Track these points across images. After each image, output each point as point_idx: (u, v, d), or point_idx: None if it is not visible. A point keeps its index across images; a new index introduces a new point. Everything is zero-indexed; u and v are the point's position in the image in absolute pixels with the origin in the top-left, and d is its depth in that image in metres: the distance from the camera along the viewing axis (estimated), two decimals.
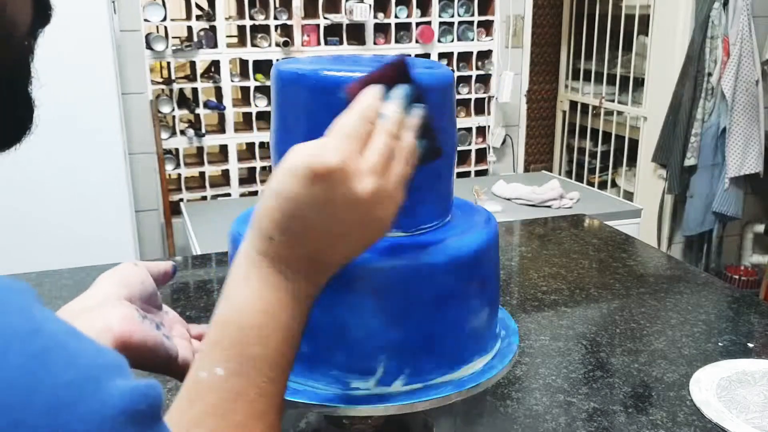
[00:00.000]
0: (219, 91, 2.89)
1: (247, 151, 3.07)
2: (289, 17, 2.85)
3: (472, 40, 3.13)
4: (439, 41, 3.08)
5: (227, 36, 2.86)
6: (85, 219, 2.29)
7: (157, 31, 2.82)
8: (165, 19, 2.71)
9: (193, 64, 2.85)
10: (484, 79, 3.22)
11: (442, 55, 3.11)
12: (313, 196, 0.48)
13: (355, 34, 3.00)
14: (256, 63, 2.84)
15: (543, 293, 1.34)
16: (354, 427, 0.69)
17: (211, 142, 2.90)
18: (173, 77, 2.80)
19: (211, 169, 2.95)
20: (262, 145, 2.98)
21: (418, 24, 3.02)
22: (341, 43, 2.94)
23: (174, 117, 2.87)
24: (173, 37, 2.74)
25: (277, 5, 2.86)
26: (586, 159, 3.73)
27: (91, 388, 0.32)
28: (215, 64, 2.85)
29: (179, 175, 2.88)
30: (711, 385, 0.99)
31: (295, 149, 0.50)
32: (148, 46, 2.71)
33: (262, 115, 2.93)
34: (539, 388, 1.00)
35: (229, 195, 2.97)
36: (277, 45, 2.85)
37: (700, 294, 1.35)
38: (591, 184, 3.51)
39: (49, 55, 2.42)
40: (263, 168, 2.99)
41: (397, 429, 0.72)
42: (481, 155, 3.32)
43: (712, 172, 3.02)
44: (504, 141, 3.33)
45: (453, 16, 3.07)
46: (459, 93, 3.18)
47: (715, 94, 2.94)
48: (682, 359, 1.08)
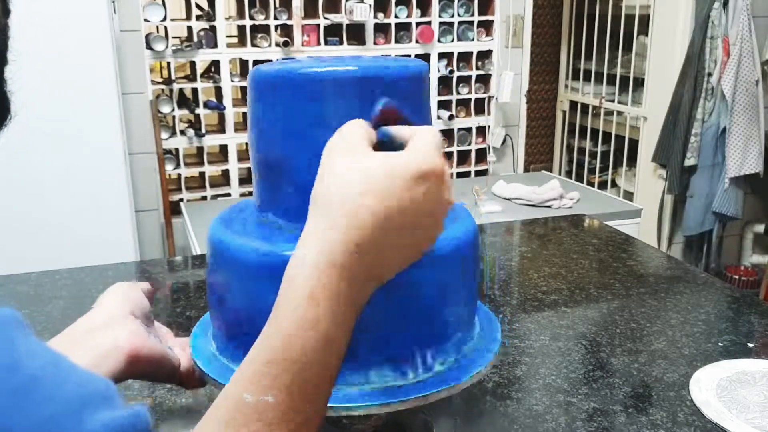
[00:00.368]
0: (219, 91, 2.89)
1: (247, 151, 3.06)
2: (289, 17, 2.85)
3: (472, 40, 3.13)
4: (439, 41, 3.08)
5: (227, 36, 2.86)
6: (85, 219, 2.29)
7: (157, 31, 2.82)
8: (165, 19, 2.71)
9: (193, 64, 2.85)
10: (484, 79, 3.22)
11: (442, 55, 3.11)
12: (415, 195, 0.45)
13: (355, 34, 3.00)
14: (256, 63, 2.83)
15: (543, 293, 1.34)
16: (354, 427, 0.69)
17: (211, 142, 2.90)
18: (173, 77, 2.80)
19: (211, 169, 2.95)
20: None
21: (418, 24, 3.02)
22: (341, 43, 2.94)
23: (174, 117, 2.87)
24: (173, 37, 2.74)
25: (277, 5, 2.86)
26: (586, 159, 3.73)
27: (72, 424, 0.31)
28: (215, 64, 2.85)
29: (179, 175, 2.88)
30: (711, 385, 0.99)
31: (385, 157, 0.47)
32: (148, 46, 2.71)
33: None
34: (539, 388, 1.00)
35: (229, 195, 2.97)
36: (277, 45, 2.85)
37: (700, 294, 1.35)
38: (591, 184, 3.51)
39: (50, 55, 2.43)
40: None
41: (397, 429, 0.72)
42: (481, 155, 3.32)
43: (712, 172, 3.02)
44: (504, 141, 3.33)
45: (453, 16, 3.07)
46: (459, 93, 3.18)
47: (715, 94, 2.94)
48: (682, 359, 1.08)
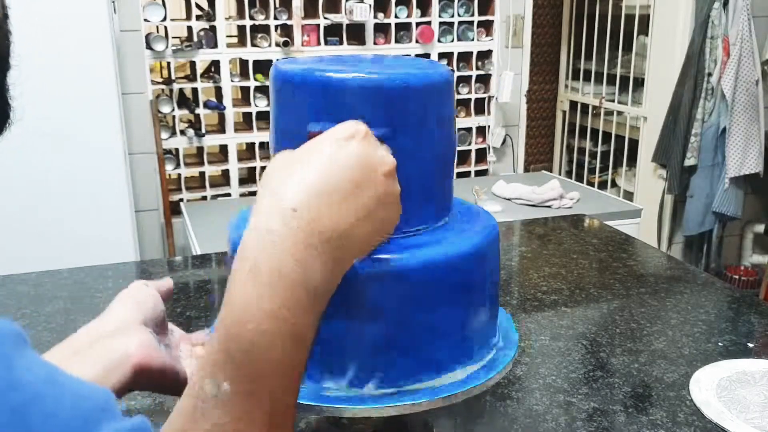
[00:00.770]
0: (219, 91, 2.89)
1: (247, 151, 3.07)
2: (289, 17, 2.85)
3: (472, 40, 3.13)
4: (439, 41, 3.08)
5: (227, 36, 2.86)
6: (85, 219, 2.29)
7: (157, 31, 2.82)
8: (165, 19, 2.71)
9: (193, 64, 2.85)
10: (484, 79, 3.22)
11: (442, 55, 3.11)
12: (349, 154, 0.46)
13: (355, 34, 3.00)
14: (256, 63, 2.84)
15: (543, 293, 1.34)
16: (354, 427, 0.69)
17: (211, 142, 2.90)
18: (173, 77, 2.80)
19: (211, 169, 2.95)
20: (262, 145, 2.98)
21: (418, 24, 3.02)
22: (341, 43, 2.94)
23: (174, 117, 2.87)
24: (173, 37, 2.74)
25: (277, 5, 2.86)
26: (586, 159, 3.73)
27: None
28: (215, 64, 2.85)
29: (179, 175, 2.88)
30: (711, 385, 0.99)
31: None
32: (148, 46, 2.71)
33: (262, 115, 2.93)
34: (539, 388, 1.00)
35: (229, 195, 2.97)
36: (277, 45, 2.85)
37: (700, 294, 1.35)
38: (591, 184, 3.51)
39: (50, 55, 2.43)
40: (263, 168, 2.98)
41: (397, 429, 0.72)
42: (481, 155, 3.32)
43: (712, 172, 3.02)
44: (504, 141, 3.33)
45: (453, 16, 3.07)
46: (459, 93, 3.17)
47: (715, 94, 2.94)
48: (682, 359, 1.08)
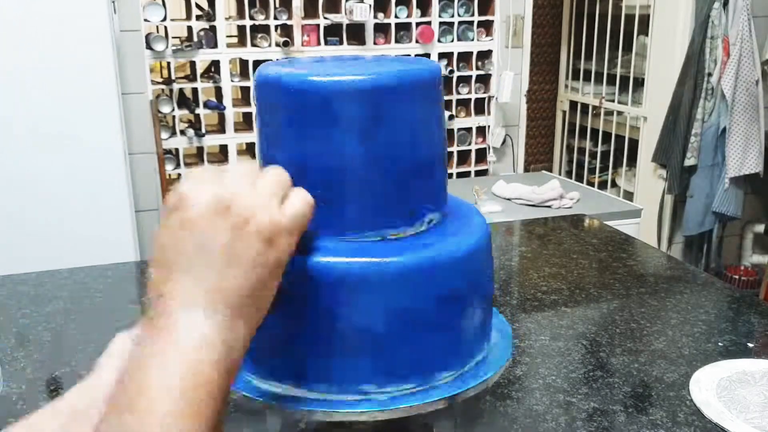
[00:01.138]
0: (219, 91, 2.89)
1: (247, 151, 3.07)
2: (289, 17, 2.85)
3: (472, 40, 3.13)
4: (439, 41, 3.08)
5: (227, 36, 2.86)
6: (85, 219, 2.29)
7: (157, 31, 2.82)
8: (165, 19, 2.71)
9: (193, 64, 2.85)
10: (484, 79, 3.22)
11: (442, 55, 3.11)
12: (172, 222, 0.47)
13: (355, 34, 3.00)
14: (256, 63, 2.83)
15: (543, 293, 1.34)
16: (353, 427, 0.69)
17: (211, 142, 2.90)
18: (173, 77, 2.80)
19: None
20: None
21: (418, 24, 3.02)
22: (341, 43, 2.94)
23: (174, 117, 2.87)
24: (173, 37, 2.74)
25: (277, 5, 2.86)
26: (586, 159, 3.73)
27: None
28: (215, 64, 2.85)
29: (179, 175, 2.88)
30: (711, 385, 0.99)
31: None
32: (148, 46, 2.71)
33: None
34: (539, 388, 1.00)
35: None
36: (277, 45, 2.85)
37: (700, 294, 1.35)
38: (591, 184, 3.51)
39: (50, 55, 2.43)
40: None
41: (397, 429, 0.72)
42: (481, 155, 3.32)
43: (712, 172, 3.02)
44: (504, 141, 3.33)
45: (453, 16, 3.07)
46: (459, 93, 3.17)
47: (715, 94, 2.94)
48: (682, 359, 1.08)
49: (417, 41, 3.03)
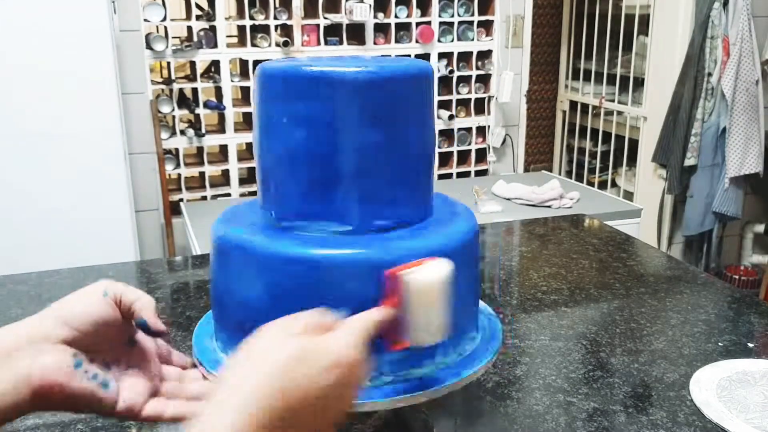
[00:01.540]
0: (219, 91, 2.89)
1: (247, 151, 3.07)
2: (289, 17, 2.85)
3: (472, 40, 3.13)
4: (439, 41, 3.08)
5: (227, 36, 2.86)
6: (85, 219, 2.29)
7: (157, 31, 2.82)
8: (165, 19, 2.71)
9: (193, 64, 2.85)
10: (484, 79, 3.22)
11: (442, 55, 3.11)
12: (325, 383, 0.48)
13: (355, 34, 3.00)
14: (256, 63, 2.83)
15: (543, 293, 1.34)
16: (354, 427, 0.69)
17: (211, 142, 2.90)
18: (173, 77, 2.80)
19: (211, 169, 2.95)
20: None
21: (418, 24, 3.02)
22: (341, 43, 2.94)
23: (174, 117, 2.87)
24: (173, 37, 2.74)
25: (277, 5, 2.86)
26: (586, 159, 3.73)
27: None
28: (215, 64, 2.85)
29: (179, 175, 2.88)
30: (711, 385, 0.99)
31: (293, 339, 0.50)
32: (148, 46, 2.71)
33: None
34: (539, 388, 1.00)
35: (229, 195, 2.97)
36: (277, 45, 2.85)
37: (700, 294, 1.35)
38: (591, 184, 3.51)
39: (50, 54, 2.43)
40: None
41: (397, 428, 0.72)
42: (481, 155, 3.32)
43: (712, 172, 3.02)
44: (504, 141, 3.33)
45: (453, 16, 3.07)
46: (459, 93, 3.17)
47: (715, 94, 2.94)
48: (682, 359, 1.08)
49: (417, 41, 3.03)
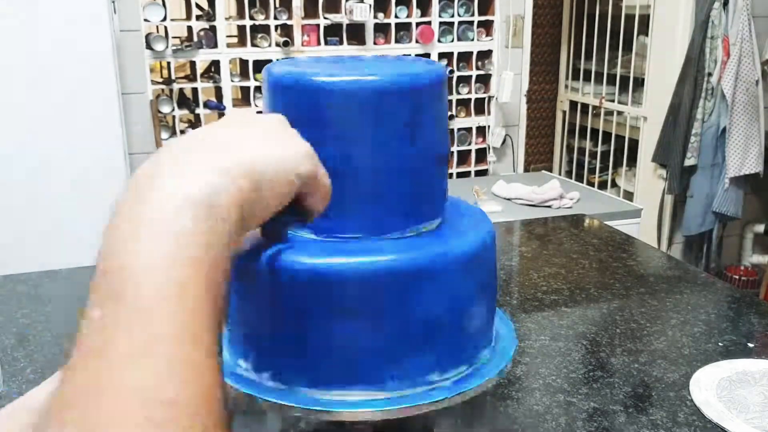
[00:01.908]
0: (219, 91, 2.89)
1: None
2: (289, 17, 2.85)
3: (472, 40, 3.13)
4: (439, 41, 3.08)
5: (227, 36, 2.86)
6: (85, 219, 2.28)
7: (157, 31, 2.82)
8: (165, 19, 2.71)
9: (193, 64, 2.85)
10: (484, 79, 3.22)
11: (442, 55, 3.11)
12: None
13: (355, 34, 3.00)
14: (256, 63, 2.83)
15: (543, 293, 1.34)
16: (353, 427, 0.69)
17: None
18: (173, 77, 2.80)
19: None
20: None
21: (418, 24, 3.02)
22: (341, 43, 2.94)
23: (174, 117, 2.87)
24: (173, 37, 2.74)
25: (277, 5, 2.86)
26: (586, 159, 3.73)
27: None
28: (215, 64, 2.85)
29: None
30: (711, 385, 0.99)
31: None
32: (148, 46, 2.71)
33: None
34: (539, 388, 1.00)
35: None
36: (277, 45, 2.85)
37: (700, 294, 1.35)
38: (591, 184, 3.51)
39: (50, 55, 2.43)
40: None
41: (397, 429, 0.72)
42: (481, 155, 3.32)
43: (712, 172, 3.02)
44: (504, 141, 3.33)
45: (453, 16, 3.07)
46: (459, 93, 3.17)
47: (715, 94, 2.94)
48: (682, 359, 1.08)
49: (417, 41, 3.03)
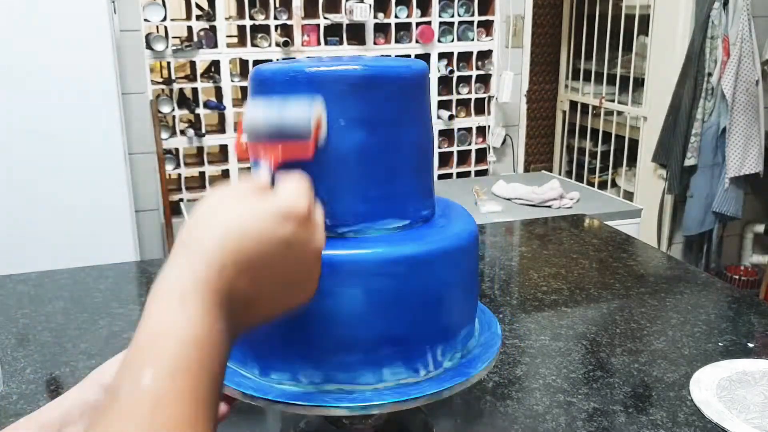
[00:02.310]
0: (219, 91, 2.89)
1: (247, 151, 3.07)
2: (289, 17, 2.85)
3: (472, 40, 3.13)
4: (439, 41, 3.08)
5: (227, 36, 2.86)
6: (85, 219, 2.29)
7: (157, 31, 2.82)
8: (165, 19, 2.71)
9: (193, 64, 2.85)
10: (484, 79, 3.22)
11: (442, 55, 3.11)
12: (281, 235, 0.47)
13: (355, 34, 3.00)
14: (256, 63, 2.83)
15: (543, 293, 1.34)
16: (353, 426, 0.69)
17: (211, 142, 2.90)
18: (173, 77, 2.80)
19: (211, 169, 2.95)
20: None
21: (418, 24, 3.02)
22: (341, 43, 2.94)
23: (174, 117, 2.87)
24: (173, 37, 2.74)
25: (277, 5, 2.86)
26: (586, 159, 3.73)
27: None
28: (215, 64, 2.85)
29: (179, 175, 2.88)
30: (711, 385, 0.99)
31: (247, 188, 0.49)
32: (148, 46, 2.71)
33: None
34: (539, 388, 1.00)
35: None
36: (277, 45, 2.85)
37: (700, 294, 1.35)
38: (591, 184, 3.51)
39: (50, 55, 2.43)
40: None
41: (397, 429, 0.72)
42: (481, 155, 3.32)
43: (712, 172, 3.02)
44: (504, 141, 3.33)
45: (453, 16, 3.07)
46: (459, 93, 3.17)
47: (715, 94, 2.94)
48: (682, 359, 1.08)
49: (417, 41, 3.03)
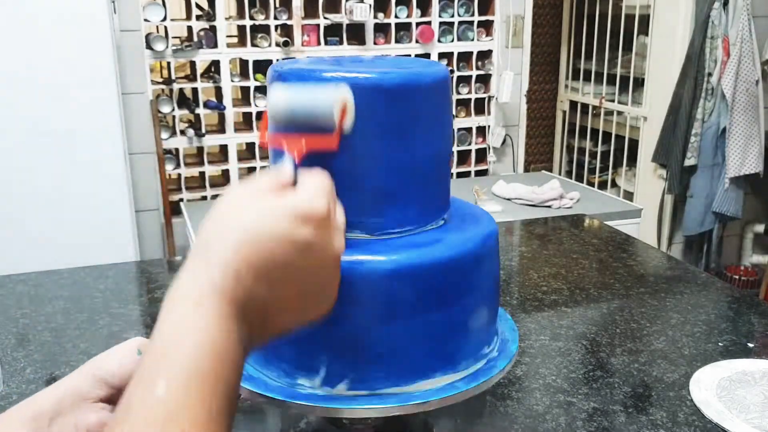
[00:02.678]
0: (219, 91, 2.89)
1: (247, 151, 3.07)
2: (289, 17, 2.85)
3: (472, 40, 3.13)
4: (439, 41, 3.08)
5: (227, 36, 2.86)
6: (85, 219, 2.29)
7: (157, 31, 2.82)
8: (165, 19, 2.71)
9: (193, 64, 2.85)
10: (484, 79, 3.22)
11: (442, 55, 3.11)
12: (299, 238, 0.45)
13: (355, 34, 3.00)
14: (256, 63, 2.84)
15: (543, 293, 1.34)
16: (353, 426, 0.69)
17: (211, 142, 2.90)
18: (173, 77, 2.80)
19: (211, 169, 2.95)
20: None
21: (418, 24, 3.02)
22: (341, 43, 2.94)
23: (174, 117, 2.87)
24: (173, 37, 2.74)
25: (277, 5, 2.86)
26: (586, 159, 3.73)
27: None
28: (215, 64, 2.85)
29: (179, 175, 2.88)
30: (711, 385, 0.99)
31: (267, 188, 0.47)
32: (148, 46, 2.71)
33: (262, 115, 2.93)
34: (539, 388, 1.00)
35: None
36: (277, 45, 2.85)
37: (700, 294, 1.35)
38: (591, 184, 3.51)
39: (50, 54, 2.43)
40: (263, 168, 2.99)
41: (397, 429, 0.72)
42: (481, 155, 3.32)
43: (712, 172, 3.02)
44: (504, 141, 3.33)
45: (453, 16, 3.07)
46: (459, 93, 3.17)
47: (715, 94, 2.94)
48: (682, 359, 1.08)
49: (417, 41, 3.03)
